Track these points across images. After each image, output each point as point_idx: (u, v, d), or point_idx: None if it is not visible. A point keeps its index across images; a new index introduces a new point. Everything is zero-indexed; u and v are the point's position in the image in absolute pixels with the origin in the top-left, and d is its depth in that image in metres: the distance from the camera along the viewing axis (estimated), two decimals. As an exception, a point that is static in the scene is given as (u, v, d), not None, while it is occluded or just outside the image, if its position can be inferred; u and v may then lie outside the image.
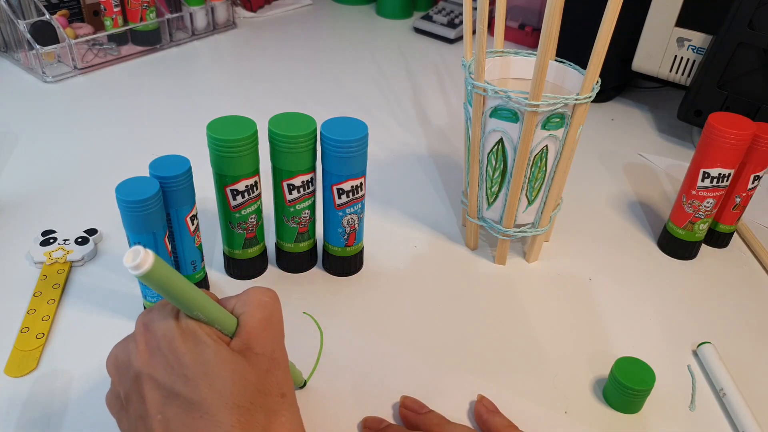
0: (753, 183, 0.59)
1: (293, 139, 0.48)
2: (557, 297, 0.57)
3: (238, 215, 0.52)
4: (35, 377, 0.45)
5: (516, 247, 0.62)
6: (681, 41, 0.81)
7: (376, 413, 0.44)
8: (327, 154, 0.50)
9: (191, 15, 1.07)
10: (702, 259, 0.63)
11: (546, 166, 0.54)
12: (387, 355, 0.49)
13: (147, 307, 0.51)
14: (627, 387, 0.44)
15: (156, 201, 0.45)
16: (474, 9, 0.52)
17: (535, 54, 0.49)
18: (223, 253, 0.56)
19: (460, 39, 1.16)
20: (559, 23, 0.51)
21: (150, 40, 1.02)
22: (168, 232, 0.48)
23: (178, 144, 0.76)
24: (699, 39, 0.79)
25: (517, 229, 0.57)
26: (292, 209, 0.53)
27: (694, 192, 0.58)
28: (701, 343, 0.51)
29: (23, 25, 0.87)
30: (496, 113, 0.52)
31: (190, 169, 0.48)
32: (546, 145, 0.52)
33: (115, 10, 0.95)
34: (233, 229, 0.53)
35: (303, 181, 0.51)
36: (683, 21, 0.80)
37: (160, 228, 0.46)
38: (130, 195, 0.44)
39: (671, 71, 0.83)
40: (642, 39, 0.84)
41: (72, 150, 0.74)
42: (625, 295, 0.57)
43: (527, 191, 0.55)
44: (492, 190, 0.56)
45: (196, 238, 0.51)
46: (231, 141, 0.47)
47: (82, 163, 0.71)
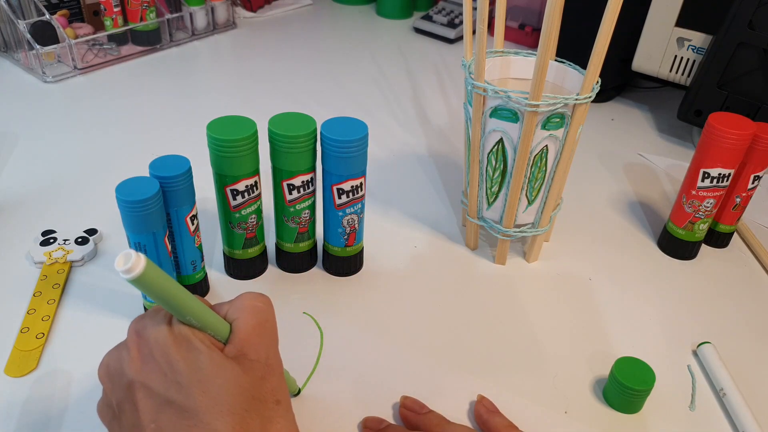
0: (753, 183, 0.59)
1: (293, 139, 0.48)
2: (557, 297, 0.57)
3: (238, 215, 0.52)
4: (35, 377, 0.45)
5: (516, 247, 0.62)
6: (681, 41, 0.81)
7: (376, 413, 0.44)
8: (327, 154, 0.50)
9: (191, 15, 1.07)
10: (702, 259, 0.63)
11: (546, 166, 0.54)
12: (387, 355, 0.49)
13: (147, 308, 0.51)
14: (627, 387, 0.44)
15: (156, 201, 0.45)
16: (474, 9, 0.52)
17: (535, 54, 0.49)
18: (223, 253, 0.56)
19: (460, 39, 1.16)
20: (559, 23, 0.51)
21: (150, 40, 1.02)
22: (168, 232, 0.48)
23: (178, 144, 0.76)
24: (699, 39, 0.79)
25: (517, 229, 0.57)
26: (292, 209, 0.53)
27: (694, 192, 0.58)
28: (701, 343, 0.51)
29: (23, 25, 0.87)
30: (496, 113, 0.52)
31: (190, 169, 0.48)
32: (546, 145, 0.52)
33: (115, 10, 0.95)
34: (233, 229, 0.53)
35: (303, 181, 0.51)
36: (683, 21, 0.80)
37: (160, 228, 0.46)
38: (130, 195, 0.44)
39: (671, 71, 0.83)
40: (642, 39, 0.84)
41: (72, 150, 0.74)
42: (625, 295, 0.57)
43: (527, 191, 0.55)
44: (492, 190, 0.56)
45: (196, 238, 0.51)
46: (231, 141, 0.47)
47: (82, 163, 0.71)
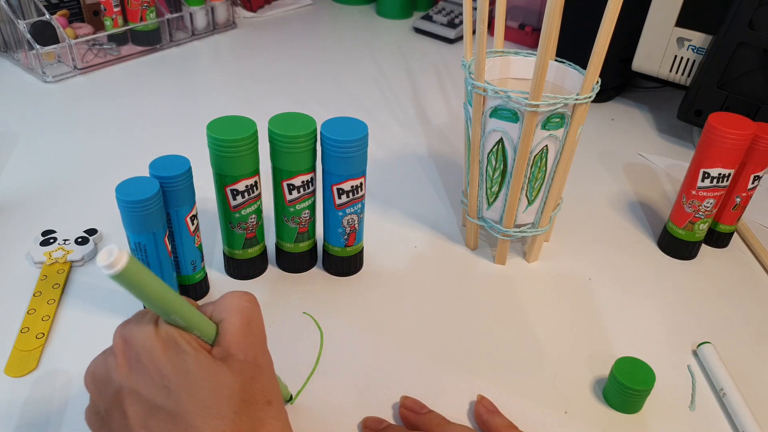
0: (753, 183, 0.59)
1: (293, 139, 0.48)
2: (557, 297, 0.57)
3: (238, 215, 0.52)
4: (35, 377, 0.45)
5: (516, 247, 0.62)
6: (681, 41, 0.81)
7: (376, 413, 0.44)
8: (327, 154, 0.50)
9: (191, 15, 1.07)
10: (702, 259, 0.63)
11: (546, 166, 0.54)
12: (387, 355, 0.49)
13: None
14: (627, 387, 0.44)
15: (156, 201, 0.45)
16: (474, 9, 0.52)
17: (535, 54, 0.49)
18: (223, 253, 0.56)
19: (460, 39, 1.16)
20: (559, 23, 0.51)
21: (150, 40, 1.02)
22: (168, 232, 0.48)
23: (178, 144, 0.76)
24: (699, 39, 0.79)
25: (517, 229, 0.57)
26: (292, 209, 0.53)
27: (694, 192, 0.58)
28: (701, 343, 0.51)
29: (23, 25, 0.87)
30: (496, 113, 0.52)
31: (190, 169, 0.48)
32: (546, 145, 0.52)
33: (115, 10, 0.95)
34: (233, 229, 0.53)
35: (303, 181, 0.51)
36: (683, 21, 0.80)
37: (160, 228, 0.46)
38: (130, 195, 0.44)
39: (671, 71, 0.83)
40: (642, 39, 0.84)
41: (72, 150, 0.74)
42: (625, 295, 0.57)
43: (527, 191, 0.55)
44: (492, 190, 0.56)
45: (196, 238, 0.51)
46: (231, 141, 0.47)
47: (82, 163, 0.71)
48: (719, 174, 0.56)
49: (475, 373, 0.48)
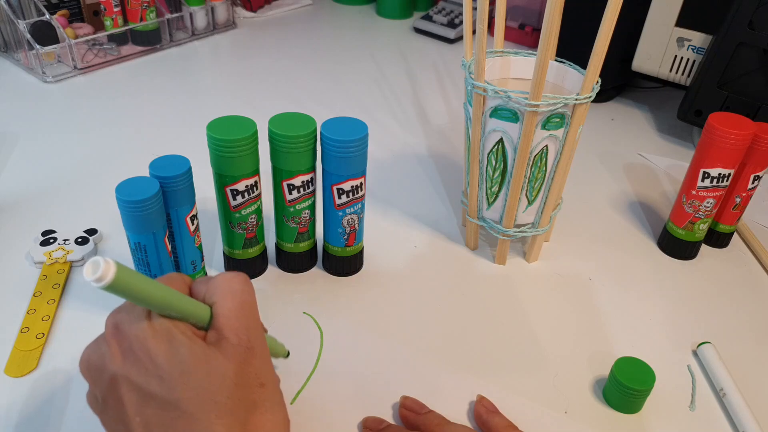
0: (753, 183, 0.59)
1: (293, 139, 0.48)
2: (557, 297, 0.57)
3: (238, 215, 0.52)
4: (35, 377, 0.45)
5: (516, 247, 0.62)
6: (681, 41, 0.81)
7: (376, 413, 0.44)
8: (327, 154, 0.50)
9: (191, 15, 1.07)
10: (702, 259, 0.63)
11: (546, 166, 0.54)
12: (387, 355, 0.49)
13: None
14: (627, 387, 0.44)
15: (156, 201, 0.45)
16: (474, 9, 0.52)
17: (535, 54, 0.49)
18: (223, 253, 0.56)
19: (460, 39, 1.16)
20: (559, 23, 0.51)
21: (150, 40, 1.02)
22: (168, 232, 0.48)
23: (178, 144, 0.76)
24: (699, 39, 0.79)
25: (517, 229, 0.57)
26: (292, 209, 0.53)
27: (694, 192, 0.58)
28: (701, 343, 0.51)
29: (23, 25, 0.87)
30: (496, 113, 0.52)
31: (190, 169, 0.48)
32: (546, 145, 0.52)
33: (115, 10, 0.95)
34: (233, 229, 0.53)
35: (303, 181, 0.51)
36: (683, 21, 0.80)
37: (160, 228, 0.46)
38: (130, 195, 0.44)
39: (671, 71, 0.83)
40: (642, 39, 0.84)
41: (72, 150, 0.74)
42: (625, 295, 0.57)
43: (527, 191, 0.55)
44: (492, 190, 0.56)
45: (196, 238, 0.51)
46: (231, 141, 0.47)
47: (82, 163, 0.71)
48: (719, 174, 0.56)
49: (475, 373, 0.48)
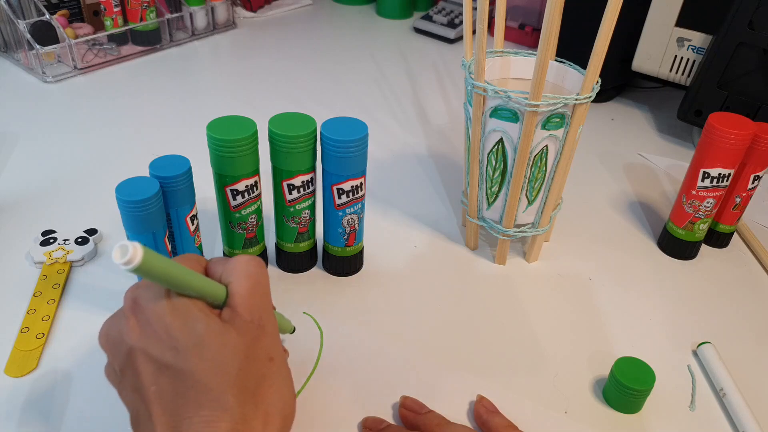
0: (753, 183, 0.59)
1: (293, 139, 0.48)
2: (557, 297, 0.57)
3: (238, 215, 0.52)
4: (35, 377, 0.45)
5: (516, 247, 0.62)
6: (681, 41, 0.81)
7: (376, 413, 0.44)
8: (327, 154, 0.50)
9: (191, 15, 1.07)
10: (702, 259, 0.63)
11: (546, 166, 0.54)
12: (387, 355, 0.49)
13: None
14: (627, 387, 0.44)
15: (156, 201, 0.45)
16: (474, 9, 0.52)
17: (535, 54, 0.49)
18: (223, 253, 0.56)
19: (460, 39, 1.16)
20: (559, 23, 0.51)
21: (150, 40, 1.02)
22: (168, 232, 0.48)
23: (178, 144, 0.76)
24: (699, 39, 0.79)
25: (517, 229, 0.57)
26: (292, 209, 0.53)
27: (694, 192, 0.58)
28: (701, 343, 0.51)
29: (23, 25, 0.87)
30: (496, 113, 0.52)
31: (190, 169, 0.48)
32: (546, 145, 0.52)
33: (115, 10, 0.95)
34: (233, 229, 0.53)
35: (303, 181, 0.51)
36: (683, 21, 0.80)
37: (160, 228, 0.46)
38: (130, 195, 0.44)
39: (671, 71, 0.83)
40: (642, 39, 0.84)
41: (72, 150, 0.74)
42: (625, 295, 0.57)
43: (527, 191, 0.55)
44: (492, 190, 0.56)
45: (196, 238, 0.51)
46: (231, 141, 0.47)
47: (82, 163, 0.71)
48: (719, 174, 0.56)
49: (475, 373, 0.48)
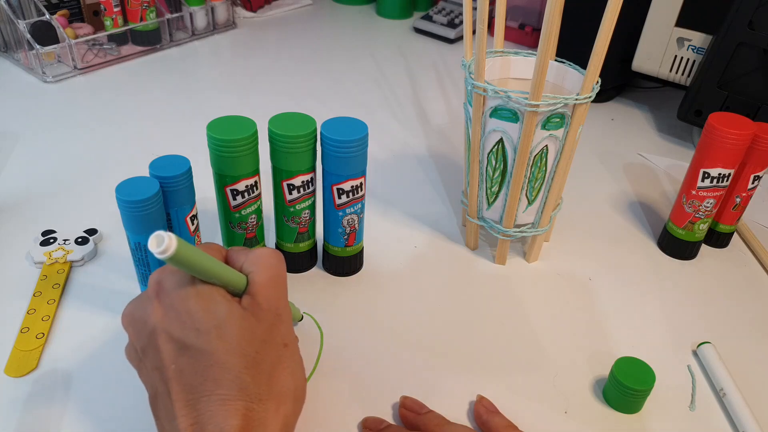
0: (753, 183, 0.59)
1: (293, 139, 0.48)
2: (557, 297, 0.57)
3: (238, 215, 0.52)
4: (35, 377, 0.45)
5: (516, 247, 0.62)
6: (681, 41, 0.81)
7: (376, 413, 0.44)
8: (327, 154, 0.50)
9: (191, 15, 1.07)
10: (702, 259, 0.63)
11: (546, 166, 0.54)
12: (387, 355, 0.49)
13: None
14: (627, 387, 0.44)
15: (156, 201, 0.45)
16: (474, 9, 0.52)
17: (535, 54, 0.49)
18: (223, 253, 0.56)
19: (460, 39, 1.16)
20: (559, 23, 0.51)
21: (150, 40, 1.02)
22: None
23: (178, 144, 0.76)
24: (699, 39, 0.79)
25: (517, 229, 0.57)
26: (292, 209, 0.53)
27: (694, 192, 0.58)
28: (701, 343, 0.51)
29: (23, 25, 0.87)
30: (496, 113, 0.52)
31: (190, 169, 0.48)
32: (546, 145, 0.52)
33: (115, 10, 0.95)
34: (233, 229, 0.53)
35: (303, 181, 0.51)
36: (683, 21, 0.80)
37: (160, 228, 0.46)
38: (130, 195, 0.44)
39: (671, 71, 0.83)
40: (642, 39, 0.84)
41: (72, 150, 0.74)
42: (625, 295, 0.57)
43: (527, 191, 0.55)
44: (492, 190, 0.56)
45: (196, 238, 0.51)
46: (231, 141, 0.47)
47: (82, 163, 0.71)
48: (719, 174, 0.56)
49: (475, 373, 0.48)
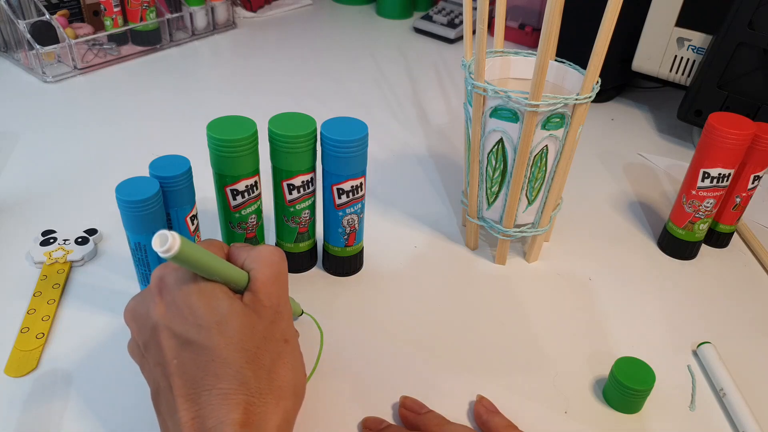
0: (753, 183, 0.59)
1: (293, 139, 0.48)
2: (557, 297, 0.57)
3: (238, 215, 0.52)
4: (35, 377, 0.45)
5: (516, 247, 0.62)
6: (681, 41, 0.81)
7: (376, 413, 0.44)
8: (327, 154, 0.50)
9: (191, 15, 1.07)
10: (702, 259, 0.63)
11: (546, 166, 0.54)
12: (387, 355, 0.49)
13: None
14: (627, 387, 0.44)
15: (156, 201, 0.45)
16: (474, 9, 0.52)
17: (535, 54, 0.49)
18: (223, 253, 0.56)
19: (460, 39, 1.16)
20: (559, 23, 0.51)
21: (150, 40, 1.02)
22: (168, 232, 0.48)
23: (178, 144, 0.76)
24: (699, 39, 0.79)
25: (517, 229, 0.57)
26: (292, 209, 0.53)
27: (694, 192, 0.58)
28: (701, 343, 0.51)
29: (23, 25, 0.87)
30: (496, 113, 0.52)
31: (190, 169, 0.48)
32: (546, 145, 0.52)
33: (115, 10, 0.95)
34: (233, 229, 0.53)
35: (303, 181, 0.51)
36: (683, 21, 0.80)
37: (160, 228, 0.46)
38: (130, 195, 0.44)
39: (671, 71, 0.83)
40: (642, 39, 0.84)
41: (72, 150, 0.74)
42: (625, 295, 0.57)
43: (527, 191, 0.55)
44: (492, 190, 0.56)
45: (196, 238, 0.51)
46: (231, 141, 0.47)
47: (82, 163, 0.71)
48: (719, 174, 0.56)
49: (475, 373, 0.48)
